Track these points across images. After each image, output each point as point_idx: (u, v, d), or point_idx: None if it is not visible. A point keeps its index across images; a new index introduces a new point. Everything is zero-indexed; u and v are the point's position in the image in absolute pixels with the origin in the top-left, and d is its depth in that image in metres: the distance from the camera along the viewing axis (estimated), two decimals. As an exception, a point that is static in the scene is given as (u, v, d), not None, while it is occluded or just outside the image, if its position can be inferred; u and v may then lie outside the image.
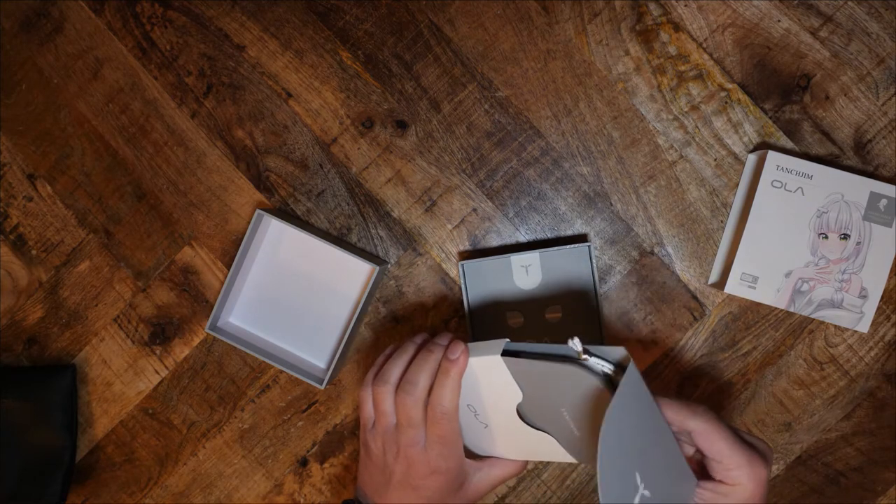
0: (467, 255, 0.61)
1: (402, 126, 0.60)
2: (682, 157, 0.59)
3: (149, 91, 0.61)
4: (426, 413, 0.47)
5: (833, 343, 0.59)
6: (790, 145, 0.59)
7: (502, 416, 0.47)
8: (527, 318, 0.58)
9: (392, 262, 0.61)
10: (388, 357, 0.50)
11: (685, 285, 0.60)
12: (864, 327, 0.56)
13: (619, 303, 0.60)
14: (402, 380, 0.48)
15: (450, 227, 0.61)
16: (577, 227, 0.60)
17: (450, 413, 0.47)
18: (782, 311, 0.59)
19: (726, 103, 0.59)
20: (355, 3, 0.60)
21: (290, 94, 0.61)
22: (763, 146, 0.59)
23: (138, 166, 0.62)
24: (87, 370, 0.62)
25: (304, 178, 0.61)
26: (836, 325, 0.59)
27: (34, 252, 0.62)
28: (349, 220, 0.61)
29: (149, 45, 0.61)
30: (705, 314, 0.60)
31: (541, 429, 0.46)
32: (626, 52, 0.59)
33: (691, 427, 0.43)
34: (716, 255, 0.59)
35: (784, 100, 0.59)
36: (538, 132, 0.60)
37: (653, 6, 0.59)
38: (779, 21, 0.58)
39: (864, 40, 0.58)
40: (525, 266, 0.58)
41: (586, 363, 0.41)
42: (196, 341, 0.62)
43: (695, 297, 0.60)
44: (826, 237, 0.55)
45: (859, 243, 0.55)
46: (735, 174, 0.59)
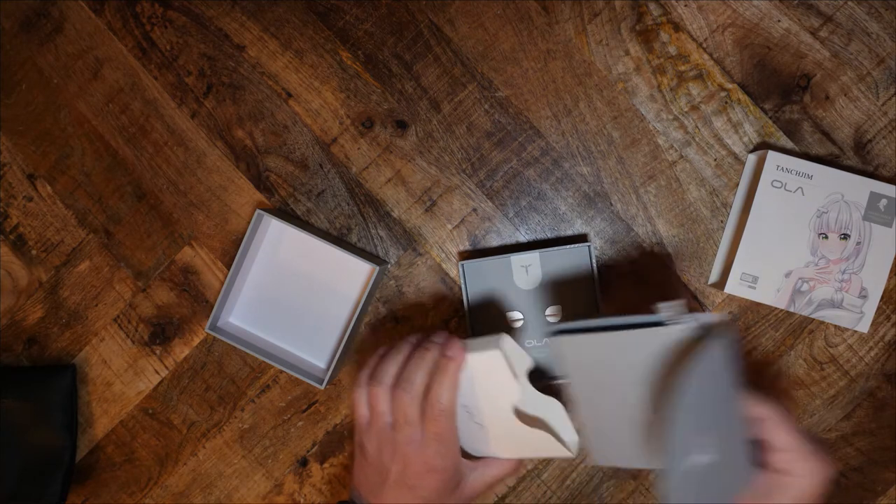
0: (467, 255, 0.61)
1: (402, 126, 0.60)
2: (682, 157, 0.59)
3: (149, 91, 0.62)
4: (423, 411, 0.47)
5: (833, 343, 0.59)
6: (790, 145, 0.59)
7: (498, 415, 0.47)
8: (527, 318, 0.58)
9: (392, 262, 0.61)
10: (382, 357, 0.50)
11: (685, 285, 0.60)
12: (864, 327, 0.56)
13: (619, 303, 0.60)
14: (398, 378, 0.48)
15: (450, 227, 0.61)
16: (577, 227, 0.60)
17: (448, 410, 0.47)
18: (782, 311, 0.59)
19: (726, 103, 0.59)
20: (355, 3, 0.60)
21: (290, 94, 0.61)
22: (763, 146, 0.59)
23: (138, 166, 0.62)
24: (87, 370, 0.62)
25: (304, 178, 0.61)
26: (836, 325, 0.59)
27: (34, 252, 0.62)
28: (349, 220, 0.61)
29: (149, 45, 0.61)
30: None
31: (590, 411, 0.46)
32: (626, 52, 0.59)
33: (759, 413, 0.43)
34: (716, 255, 0.59)
35: (784, 100, 0.59)
36: (538, 132, 0.60)
37: (653, 6, 0.59)
38: (779, 21, 0.58)
39: (864, 40, 0.58)
40: (525, 266, 0.58)
41: (679, 324, 0.41)
42: (196, 341, 0.62)
43: (695, 297, 0.60)
44: (826, 237, 0.55)
45: (859, 243, 0.55)
46: (735, 174, 0.59)
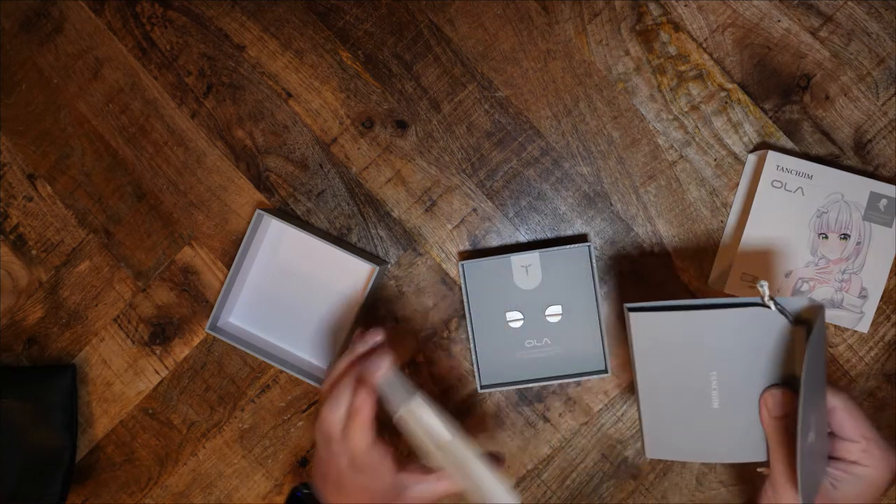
0: (467, 255, 0.61)
1: (402, 126, 0.60)
2: (682, 157, 0.59)
3: (149, 91, 0.62)
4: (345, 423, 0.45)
5: (833, 343, 0.59)
6: (790, 145, 0.59)
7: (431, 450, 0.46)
8: (527, 318, 0.58)
9: (392, 262, 0.61)
10: (338, 359, 0.48)
11: (685, 285, 0.60)
12: (864, 327, 0.56)
13: (618, 303, 0.60)
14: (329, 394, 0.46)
15: (450, 227, 0.61)
16: (577, 227, 0.60)
17: (362, 449, 0.45)
18: (782, 311, 0.59)
19: (726, 103, 0.59)
20: (355, 3, 0.60)
21: (290, 94, 0.61)
22: (763, 146, 0.59)
23: (138, 166, 0.62)
24: (87, 370, 0.62)
25: (304, 178, 0.61)
26: (836, 325, 0.59)
27: (34, 252, 0.62)
28: (349, 220, 0.61)
29: (149, 45, 0.61)
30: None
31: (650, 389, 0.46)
32: (626, 52, 0.59)
33: (832, 404, 0.43)
34: (716, 255, 0.59)
35: (784, 100, 0.59)
36: (538, 132, 0.60)
37: (653, 6, 0.59)
38: (779, 21, 0.58)
39: (864, 40, 0.58)
40: (525, 266, 0.58)
41: (770, 306, 0.42)
42: (196, 341, 0.62)
43: (695, 298, 0.60)
44: (826, 237, 0.55)
45: (859, 243, 0.55)
46: (735, 174, 0.59)
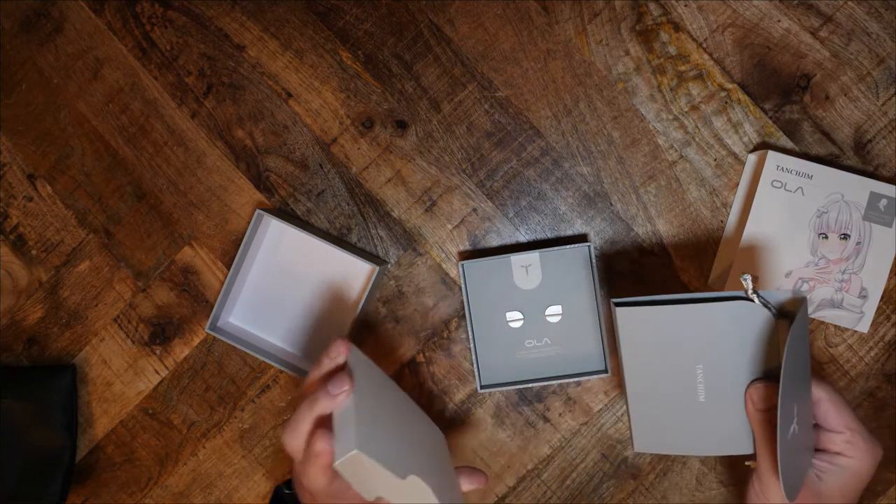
0: (467, 255, 0.61)
1: (402, 126, 0.60)
2: (682, 157, 0.59)
3: (149, 91, 0.62)
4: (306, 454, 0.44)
5: (833, 343, 0.59)
6: (790, 145, 0.59)
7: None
8: (527, 318, 0.58)
9: (392, 262, 0.61)
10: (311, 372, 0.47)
11: (685, 285, 0.60)
12: (864, 327, 0.56)
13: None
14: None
15: (450, 227, 0.61)
16: (577, 227, 0.60)
17: (321, 488, 0.43)
18: (782, 311, 0.59)
19: (726, 103, 0.59)
20: (355, 3, 0.60)
21: (290, 94, 0.61)
22: (763, 146, 0.59)
23: (138, 166, 0.62)
24: (87, 370, 0.62)
25: (304, 178, 0.61)
26: (836, 325, 0.59)
27: (34, 252, 0.62)
28: (349, 220, 0.61)
29: (149, 45, 0.61)
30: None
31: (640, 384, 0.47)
32: (626, 52, 0.59)
33: (817, 395, 0.44)
34: (716, 255, 0.59)
35: (784, 100, 0.59)
36: (538, 132, 0.60)
37: (653, 6, 0.59)
38: (779, 21, 0.58)
39: (864, 40, 0.58)
40: (525, 266, 0.58)
41: (754, 300, 0.43)
42: (196, 341, 0.62)
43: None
44: (826, 237, 0.55)
45: (859, 243, 0.55)
46: (735, 174, 0.59)
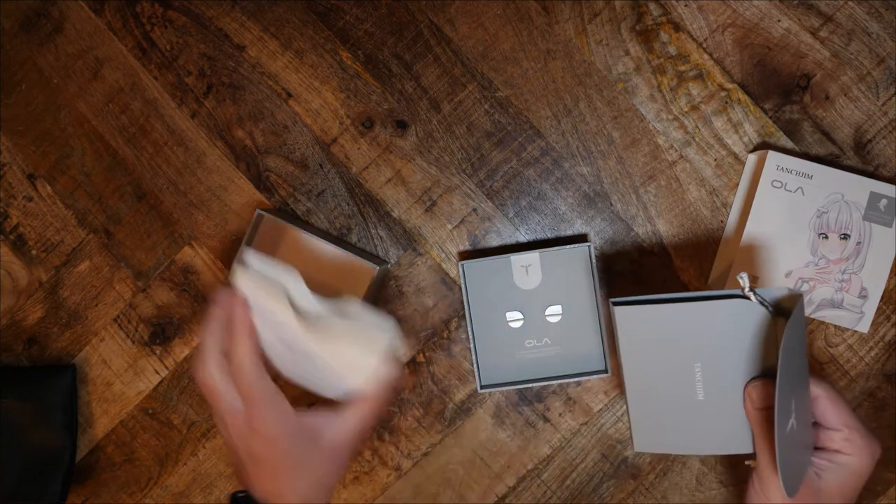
0: (467, 255, 0.61)
1: (402, 126, 0.60)
2: (682, 157, 0.59)
3: (149, 91, 0.62)
4: (230, 375, 0.44)
5: (833, 343, 0.59)
6: (790, 145, 0.59)
7: (310, 328, 0.45)
8: (527, 318, 0.58)
9: (392, 262, 0.61)
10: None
11: (685, 285, 0.60)
12: (864, 327, 0.56)
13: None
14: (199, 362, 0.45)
15: (450, 227, 0.61)
16: (577, 227, 0.60)
17: (247, 369, 0.43)
18: (782, 311, 0.59)
19: (726, 103, 0.59)
20: (355, 3, 0.60)
21: (290, 94, 0.61)
22: (763, 146, 0.59)
23: (138, 166, 0.62)
24: (87, 370, 0.62)
25: (304, 178, 0.61)
26: (836, 325, 0.59)
27: (34, 252, 0.62)
28: (349, 220, 0.61)
29: (149, 45, 0.61)
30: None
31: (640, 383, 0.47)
32: (626, 52, 0.59)
33: (815, 393, 0.45)
34: (716, 255, 0.59)
35: (784, 100, 0.59)
36: (538, 132, 0.60)
37: (653, 6, 0.59)
38: (779, 21, 0.58)
39: (864, 40, 0.58)
40: (525, 266, 0.58)
41: (751, 297, 0.43)
42: (196, 341, 0.62)
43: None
44: (826, 237, 0.55)
45: (859, 243, 0.55)
46: (735, 174, 0.59)
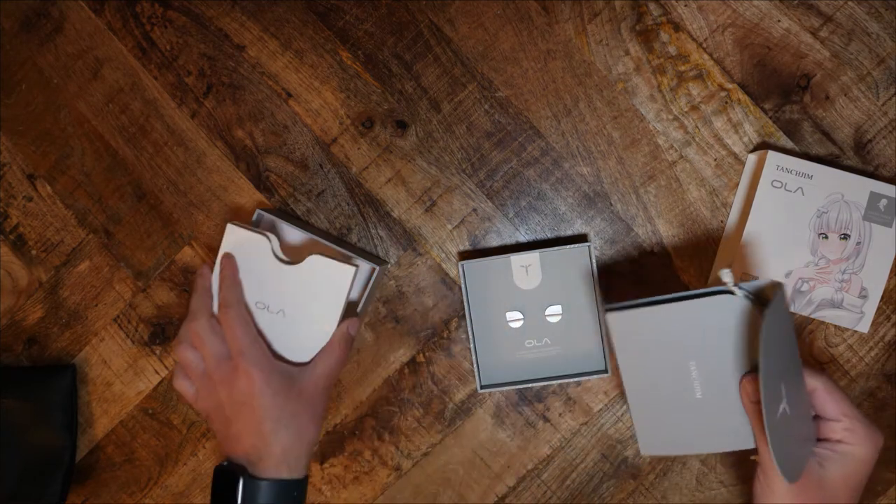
0: (467, 255, 0.61)
1: (402, 126, 0.60)
2: (682, 157, 0.59)
3: (149, 91, 0.62)
4: (218, 329, 0.50)
5: (833, 343, 0.59)
6: (790, 145, 0.59)
7: (281, 279, 0.52)
8: (527, 318, 0.58)
9: (392, 262, 0.61)
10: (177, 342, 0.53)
11: (685, 285, 0.60)
12: (864, 327, 0.56)
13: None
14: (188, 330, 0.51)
15: (450, 227, 0.61)
16: (577, 227, 0.60)
17: (235, 315, 0.50)
18: (782, 311, 0.59)
19: (726, 103, 0.59)
20: (355, 3, 0.60)
21: (290, 94, 0.61)
22: (763, 146, 0.59)
23: (138, 166, 0.62)
24: (87, 370, 0.62)
25: (304, 178, 0.61)
26: (836, 326, 0.59)
27: (34, 252, 0.62)
28: (349, 220, 0.61)
29: (149, 45, 0.61)
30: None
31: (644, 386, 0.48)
32: (626, 52, 0.59)
33: (812, 385, 0.46)
34: (716, 255, 0.59)
35: (784, 100, 0.59)
36: (538, 132, 0.60)
37: (653, 6, 0.59)
38: (779, 21, 0.58)
39: (864, 40, 0.58)
40: (525, 266, 0.58)
41: (735, 292, 0.44)
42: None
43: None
44: (826, 237, 0.55)
45: (859, 243, 0.55)
46: (735, 174, 0.59)
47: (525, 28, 0.60)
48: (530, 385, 0.57)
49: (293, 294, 0.52)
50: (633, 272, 0.60)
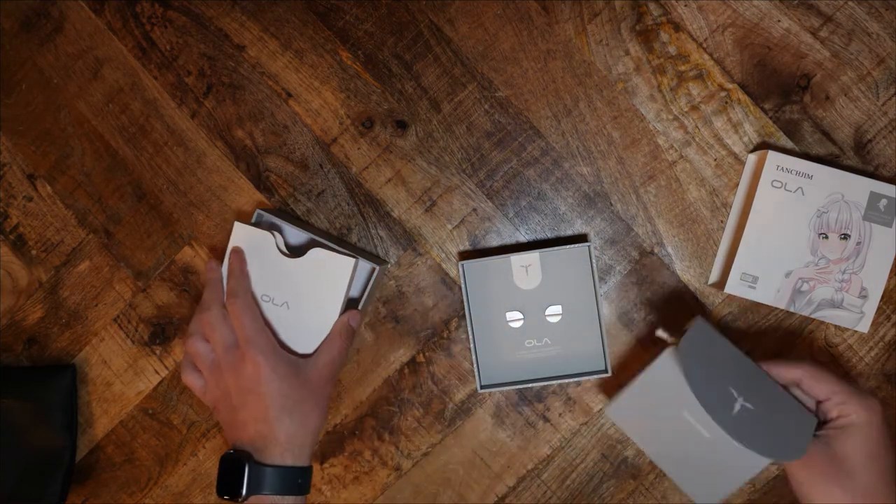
0: (467, 255, 0.61)
1: (402, 126, 0.60)
2: (682, 157, 0.59)
3: (149, 91, 0.62)
4: (228, 317, 0.51)
5: (833, 343, 0.59)
6: (790, 145, 0.59)
7: (286, 273, 0.54)
8: (527, 318, 0.58)
9: (392, 262, 0.61)
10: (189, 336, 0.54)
11: (685, 285, 0.60)
12: (864, 327, 0.56)
13: (619, 303, 0.60)
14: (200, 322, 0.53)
15: (450, 227, 0.61)
16: (577, 227, 0.60)
17: (244, 305, 0.51)
18: (782, 311, 0.59)
19: (726, 103, 0.59)
20: (355, 3, 0.60)
21: (290, 94, 0.61)
22: (763, 146, 0.59)
23: (138, 166, 0.62)
24: (87, 370, 0.62)
25: (304, 178, 0.61)
26: (836, 325, 0.59)
27: (34, 252, 0.62)
28: (349, 220, 0.61)
29: (149, 45, 0.61)
30: (705, 314, 0.60)
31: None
32: (626, 52, 0.59)
33: (796, 376, 0.48)
34: (716, 255, 0.59)
35: (784, 100, 0.59)
36: (538, 132, 0.60)
37: (653, 6, 0.59)
38: (779, 21, 0.58)
39: (864, 40, 0.58)
40: (525, 266, 0.58)
41: (678, 345, 0.50)
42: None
43: (695, 298, 0.60)
44: (826, 237, 0.55)
45: (859, 243, 0.55)
46: (735, 174, 0.59)
47: (525, 28, 0.60)
48: (530, 385, 0.57)
49: (296, 286, 0.54)
50: (633, 272, 0.60)
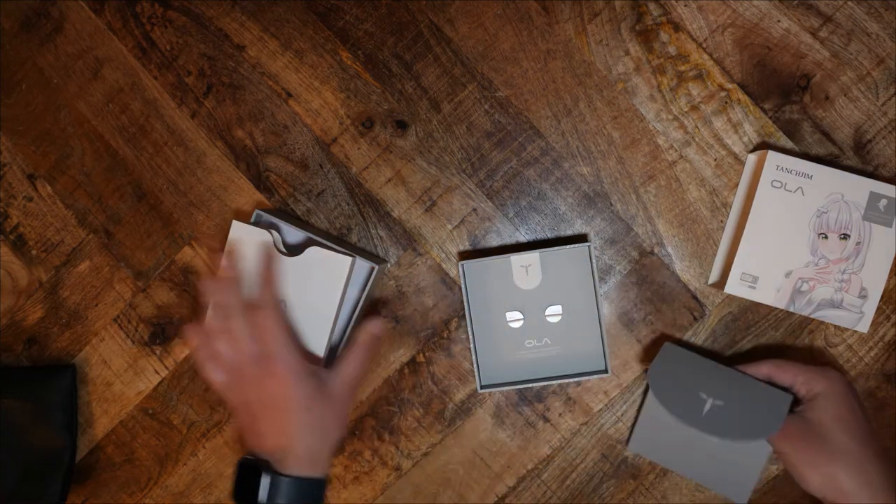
0: (467, 255, 0.61)
1: (402, 126, 0.60)
2: (682, 157, 0.59)
3: (149, 91, 0.62)
4: (253, 328, 0.50)
5: (833, 343, 0.59)
6: (790, 145, 0.59)
7: (295, 278, 0.54)
8: (527, 318, 0.58)
9: (392, 262, 0.61)
10: (205, 334, 0.53)
11: (685, 285, 0.60)
12: (863, 327, 0.56)
13: (619, 303, 0.60)
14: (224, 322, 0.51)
15: (450, 227, 0.61)
16: (577, 227, 0.60)
17: (272, 313, 0.50)
18: (782, 311, 0.59)
19: (726, 103, 0.59)
20: (355, 3, 0.60)
21: (290, 94, 0.61)
22: (763, 146, 0.59)
23: (138, 166, 0.62)
24: (87, 370, 0.62)
25: (304, 178, 0.61)
26: (835, 325, 0.59)
27: (34, 252, 0.62)
28: (349, 220, 0.61)
29: (149, 45, 0.61)
30: (705, 314, 0.60)
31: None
32: (626, 52, 0.59)
33: (763, 371, 0.53)
34: (716, 255, 0.59)
35: (784, 100, 0.59)
36: (538, 132, 0.60)
37: (653, 6, 0.59)
38: (779, 21, 0.58)
39: (864, 40, 0.58)
40: (525, 266, 0.58)
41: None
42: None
43: (695, 298, 0.60)
44: (826, 237, 0.55)
45: (859, 243, 0.55)
46: (735, 174, 0.59)
47: (525, 28, 0.60)
48: (530, 385, 0.57)
49: (294, 285, 0.54)
50: (633, 272, 0.60)
